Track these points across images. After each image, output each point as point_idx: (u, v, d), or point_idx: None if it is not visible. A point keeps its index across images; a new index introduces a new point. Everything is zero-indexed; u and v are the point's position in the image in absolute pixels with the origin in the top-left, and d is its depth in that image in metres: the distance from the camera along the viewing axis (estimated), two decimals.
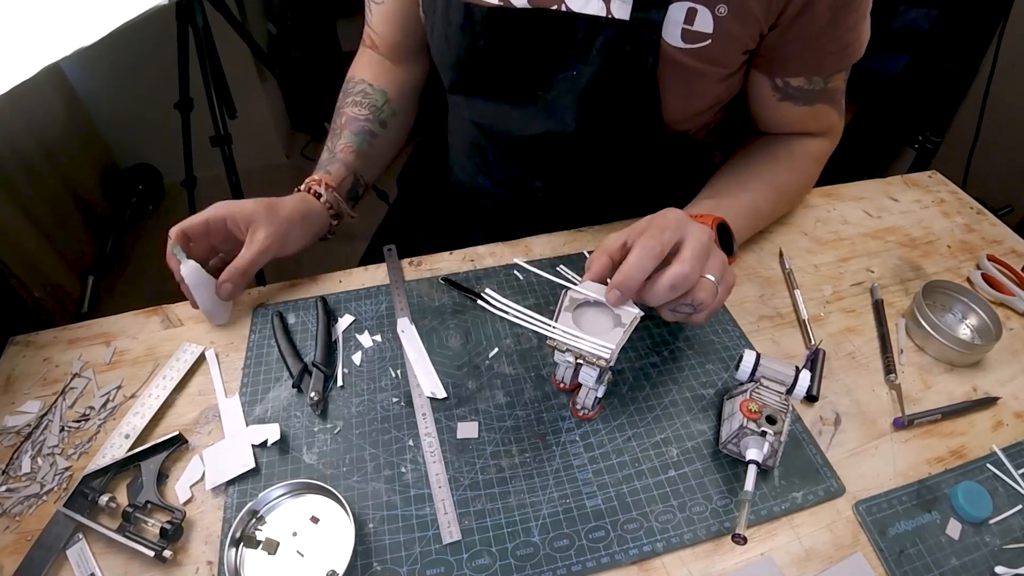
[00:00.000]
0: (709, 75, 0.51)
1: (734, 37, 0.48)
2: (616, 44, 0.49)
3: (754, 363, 0.43)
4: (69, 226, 1.50)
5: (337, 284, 0.57)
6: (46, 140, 1.42)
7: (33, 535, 0.39)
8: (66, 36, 0.67)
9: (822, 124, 0.58)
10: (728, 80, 0.53)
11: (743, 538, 0.36)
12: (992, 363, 0.51)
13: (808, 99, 0.54)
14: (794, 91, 0.53)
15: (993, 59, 1.08)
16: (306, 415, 0.46)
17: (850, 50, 0.50)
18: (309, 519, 0.40)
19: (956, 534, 0.40)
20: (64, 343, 0.52)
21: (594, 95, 0.52)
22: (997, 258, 0.59)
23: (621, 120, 0.55)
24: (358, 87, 0.65)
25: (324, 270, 0.59)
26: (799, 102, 0.54)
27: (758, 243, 0.62)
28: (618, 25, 0.48)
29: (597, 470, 0.43)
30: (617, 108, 0.54)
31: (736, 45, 0.49)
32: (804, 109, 0.55)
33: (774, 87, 0.54)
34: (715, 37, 0.47)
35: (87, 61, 1.57)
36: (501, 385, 0.48)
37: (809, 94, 0.54)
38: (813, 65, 0.51)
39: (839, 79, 0.54)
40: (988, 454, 0.45)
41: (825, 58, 0.51)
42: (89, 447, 0.45)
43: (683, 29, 0.47)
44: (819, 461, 0.44)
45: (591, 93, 0.52)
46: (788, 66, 0.52)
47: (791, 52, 0.50)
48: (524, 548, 0.39)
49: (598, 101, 0.53)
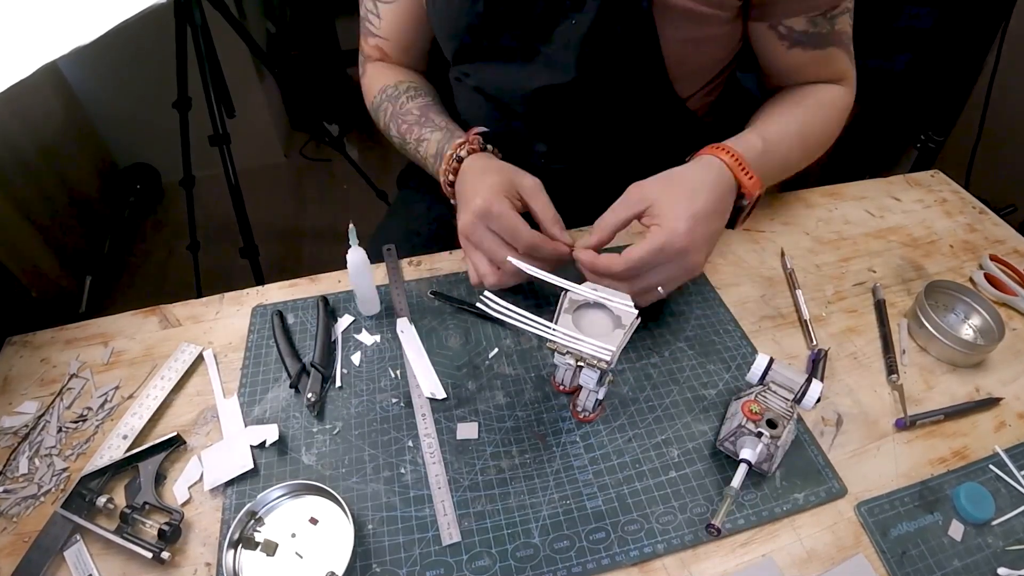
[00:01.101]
0: (705, 19, 0.51)
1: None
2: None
3: (765, 367, 0.43)
4: (67, 225, 1.50)
5: (336, 284, 0.57)
6: (44, 139, 1.42)
7: (31, 536, 0.39)
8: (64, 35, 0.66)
9: (835, 70, 0.57)
10: (723, 28, 0.53)
11: (717, 529, 0.37)
12: (994, 363, 0.51)
13: (817, 42, 0.54)
14: (800, 35, 0.53)
15: (996, 57, 1.08)
16: (305, 416, 0.46)
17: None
18: (308, 520, 0.40)
19: (958, 535, 0.40)
20: (62, 343, 0.52)
21: (593, 43, 0.52)
22: (1000, 258, 0.59)
23: (621, 71, 0.55)
24: (401, 88, 0.63)
25: (323, 270, 0.59)
26: (808, 46, 0.54)
27: (759, 243, 0.62)
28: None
29: (598, 471, 0.43)
30: (617, 57, 0.53)
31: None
32: (816, 53, 0.55)
33: (780, 36, 0.54)
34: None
35: (85, 60, 1.56)
36: (501, 386, 0.48)
37: (817, 37, 0.53)
38: (807, 1, 0.51)
39: (843, 21, 0.53)
40: (990, 455, 0.45)
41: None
42: (87, 448, 0.45)
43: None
44: (821, 462, 0.43)
45: (590, 42, 0.52)
46: (785, 5, 0.52)
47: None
48: (524, 549, 0.39)
49: (598, 49, 0.53)
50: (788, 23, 0.53)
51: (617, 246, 0.63)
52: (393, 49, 0.65)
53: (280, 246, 1.68)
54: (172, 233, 1.68)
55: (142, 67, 1.52)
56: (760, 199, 0.51)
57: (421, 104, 0.61)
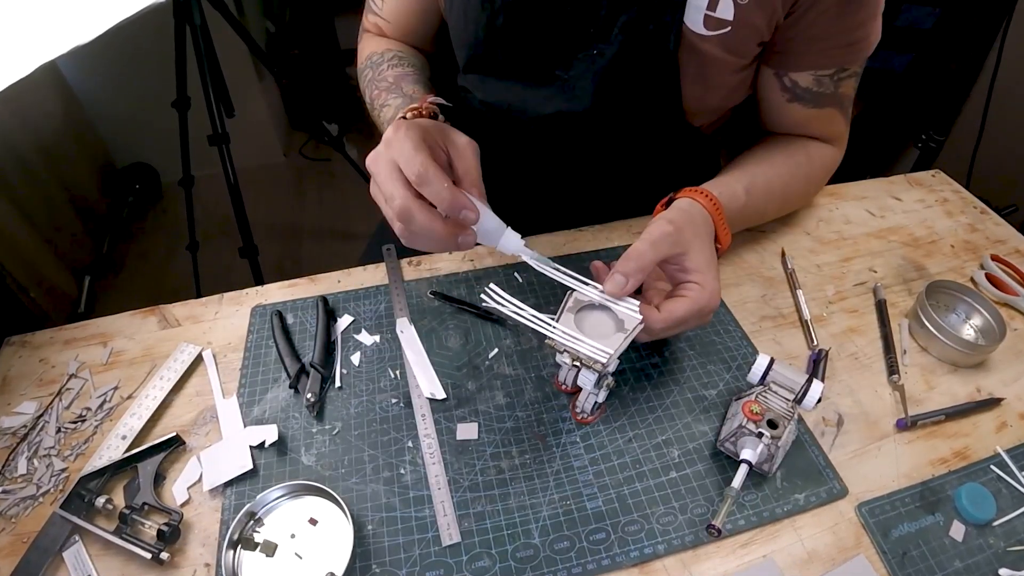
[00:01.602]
0: (725, 65, 0.51)
1: (753, 26, 0.48)
2: (639, 23, 0.49)
3: (766, 367, 0.43)
4: (66, 225, 1.50)
5: (336, 284, 0.57)
6: (42, 139, 1.42)
7: (29, 537, 0.39)
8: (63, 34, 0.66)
9: (829, 129, 0.58)
10: (742, 73, 0.53)
11: (718, 530, 0.37)
12: (996, 364, 0.51)
13: (817, 101, 0.54)
14: (803, 92, 0.54)
15: (997, 57, 1.08)
16: (304, 416, 0.46)
17: (857, 47, 0.50)
18: (307, 521, 0.39)
19: (960, 536, 0.40)
20: (60, 343, 0.52)
21: (614, 75, 0.52)
22: (1001, 258, 0.59)
23: (638, 104, 0.55)
24: (386, 56, 0.60)
25: (322, 270, 0.58)
26: (808, 103, 0.54)
27: (760, 243, 0.62)
28: (641, 4, 0.48)
29: (598, 471, 0.43)
30: (636, 91, 0.53)
31: (753, 34, 0.49)
32: (812, 111, 0.55)
33: (783, 87, 0.54)
34: (735, 25, 0.48)
35: (84, 59, 1.56)
36: (501, 386, 0.48)
37: (818, 96, 0.54)
38: (820, 60, 0.51)
39: (848, 85, 0.54)
40: (992, 455, 0.45)
41: (832, 52, 0.51)
42: (86, 448, 0.44)
43: (705, 15, 0.47)
44: (821, 462, 0.43)
45: (611, 73, 0.52)
46: (796, 60, 0.52)
47: (799, 44, 0.50)
48: (524, 550, 0.39)
49: (617, 82, 0.53)
50: (794, 77, 0.53)
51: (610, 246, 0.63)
52: (392, 31, 0.64)
53: (279, 246, 1.68)
54: (171, 233, 1.68)
55: (141, 66, 1.52)
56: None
57: (399, 73, 0.58)
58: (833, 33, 0.49)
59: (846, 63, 0.52)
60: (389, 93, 0.56)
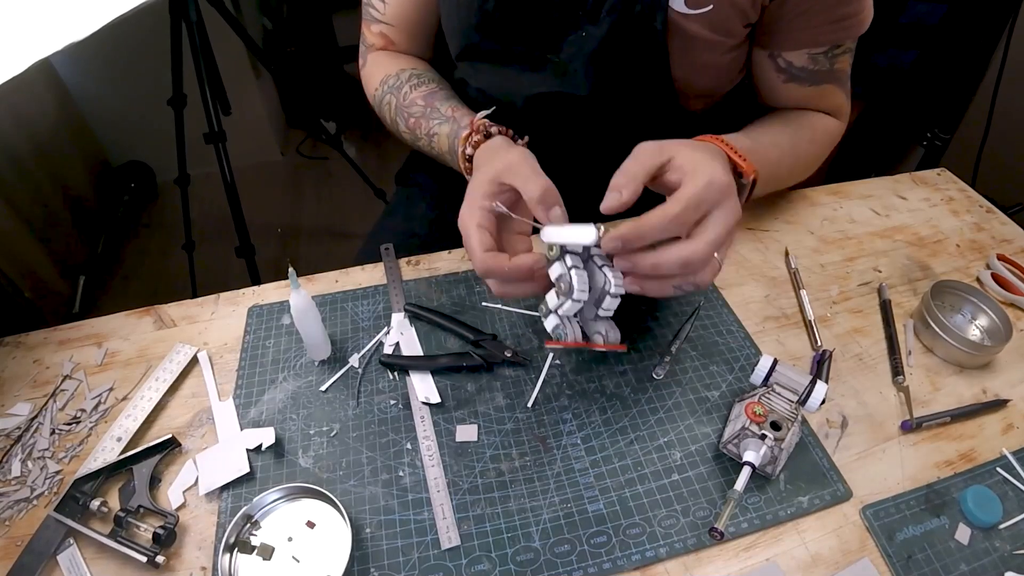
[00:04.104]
0: (713, 45, 0.51)
1: (735, 4, 0.48)
2: (626, 3, 0.49)
3: (769, 368, 0.43)
4: (60, 225, 1.49)
5: (334, 284, 0.56)
6: (37, 137, 1.41)
7: (23, 540, 0.39)
8: (57, 31, 0.65)
9: (829, 104, 0.58)
10: (731, 54, 0.53)
11: (720, 533, 0.37)
12: (1002, 365, 0.50)
13: (813, 79, 0.54)
14: (798, 71, 0.53)
15: (1003, 54, 1.07)
16: (302, 418, 0.45)
17: (848, 23, 0.50)
18: (305, 524, 0.39)
19: (965, 539, 0.39)
20: (55, 344, 0.51)
21: (606, 58, 0.52)
22: (1007, 257, 0.58)
23: (633, 87, 0.55)
24: (403, 77, 0.60)
25: (321, 269, 0.58)
26: (804, 83, 0.54)
27: (764, 242, 0.61)
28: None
29: (599, 474, 0.42)
30: (629, 73, 0.53)
31: (737, 13, 0.49)
32: (810, 90, 0.55)
33: (777, 68, 0.54)
34: (717, 2, 0.48)
35: (78, 56, 1.55)
36: (501, 387, 0.47)
37: (814, 74, 0.53)
38: (812, 37, 0.51)
39: (843, 60, 0.53)
40: (998, 457, 0.44)
41: (823, 28, 0.50)
42: (80, 450, 0.44)
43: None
44: (825, 465, 0.43)
45: (602, 56, 0.52)
46: (787, 39, 0.52)
47: (789, 22, 0.50)
48: (524, 553, 0.38)
49: (610, 65, 0.52)
50: (788, 57, 0.53)
51: None
52: (399, 35, 0.63)
53: (276, 245, 1.68)
54: (167, 232, 1.67)
55: (137, 64, 1.51)
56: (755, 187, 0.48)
57: (425, 93, 0.58)
58: (820, 9, 0.48)
59: (839, 40, 0.51)
60: (429, 120, 0.56)
